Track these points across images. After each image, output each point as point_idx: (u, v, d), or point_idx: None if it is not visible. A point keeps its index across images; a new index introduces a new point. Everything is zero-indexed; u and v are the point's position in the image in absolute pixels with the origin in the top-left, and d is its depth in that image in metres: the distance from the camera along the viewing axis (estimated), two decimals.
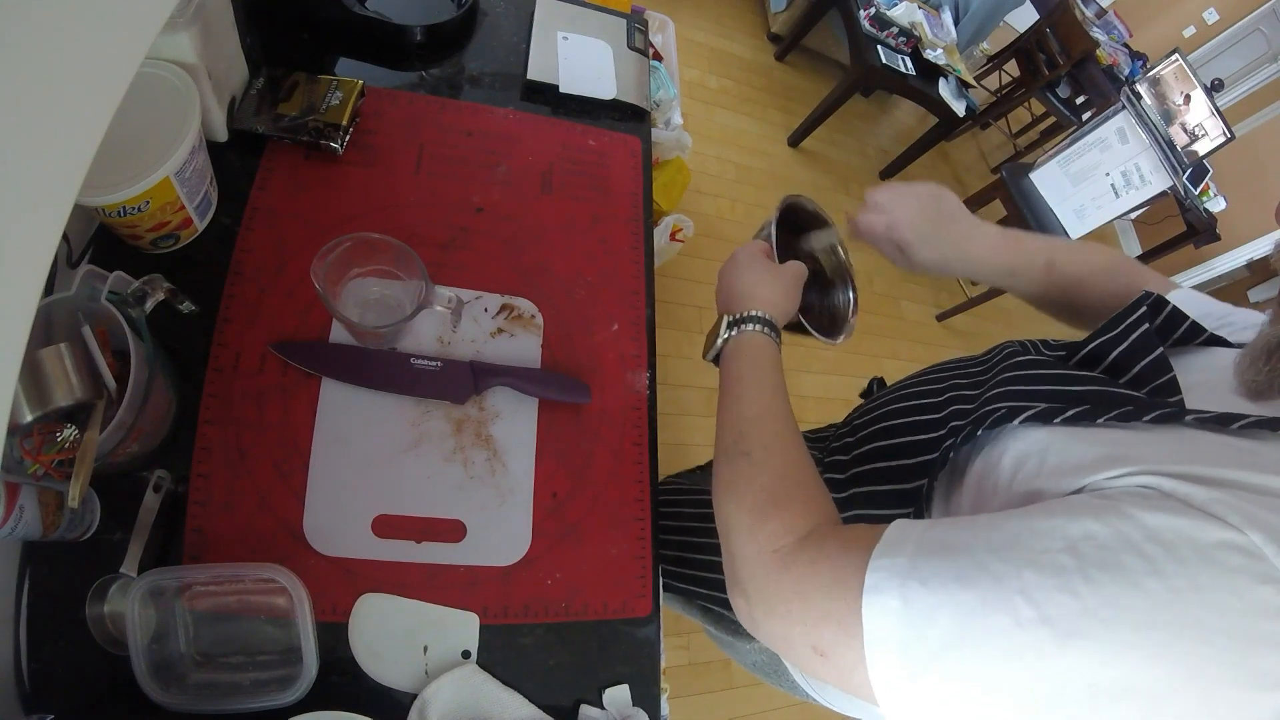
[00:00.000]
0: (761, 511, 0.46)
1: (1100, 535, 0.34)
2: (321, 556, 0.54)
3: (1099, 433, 0.43)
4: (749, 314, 0.57)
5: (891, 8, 2.30)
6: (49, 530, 0.45)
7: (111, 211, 0.51)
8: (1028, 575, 0.34)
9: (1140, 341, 0.49)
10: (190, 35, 0.53)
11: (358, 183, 0.67)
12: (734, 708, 1.60)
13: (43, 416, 0.42)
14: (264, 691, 0.48)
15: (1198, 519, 0.33)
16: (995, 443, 0.46)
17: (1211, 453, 0.39)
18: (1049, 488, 0.41)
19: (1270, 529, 0.32)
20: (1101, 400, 0.44)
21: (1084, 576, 0.33)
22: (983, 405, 0.49)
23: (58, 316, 0.46)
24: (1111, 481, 0.38)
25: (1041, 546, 0.35)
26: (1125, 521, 0.34)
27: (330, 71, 0.71)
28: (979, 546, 0.37)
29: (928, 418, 0.56)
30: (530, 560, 0.59)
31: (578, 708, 0.57)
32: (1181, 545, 0.33)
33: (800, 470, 0.48)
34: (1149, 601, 0.32)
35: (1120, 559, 0.33)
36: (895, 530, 0.40)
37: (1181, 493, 0.35)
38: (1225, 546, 0.32)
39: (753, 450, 0.49)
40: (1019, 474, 0.43)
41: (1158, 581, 0.32)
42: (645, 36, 0.91)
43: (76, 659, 0.48)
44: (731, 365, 0.56)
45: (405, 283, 0.59)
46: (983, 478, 0.46)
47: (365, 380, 0.59)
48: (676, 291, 1.98)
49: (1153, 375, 0.47)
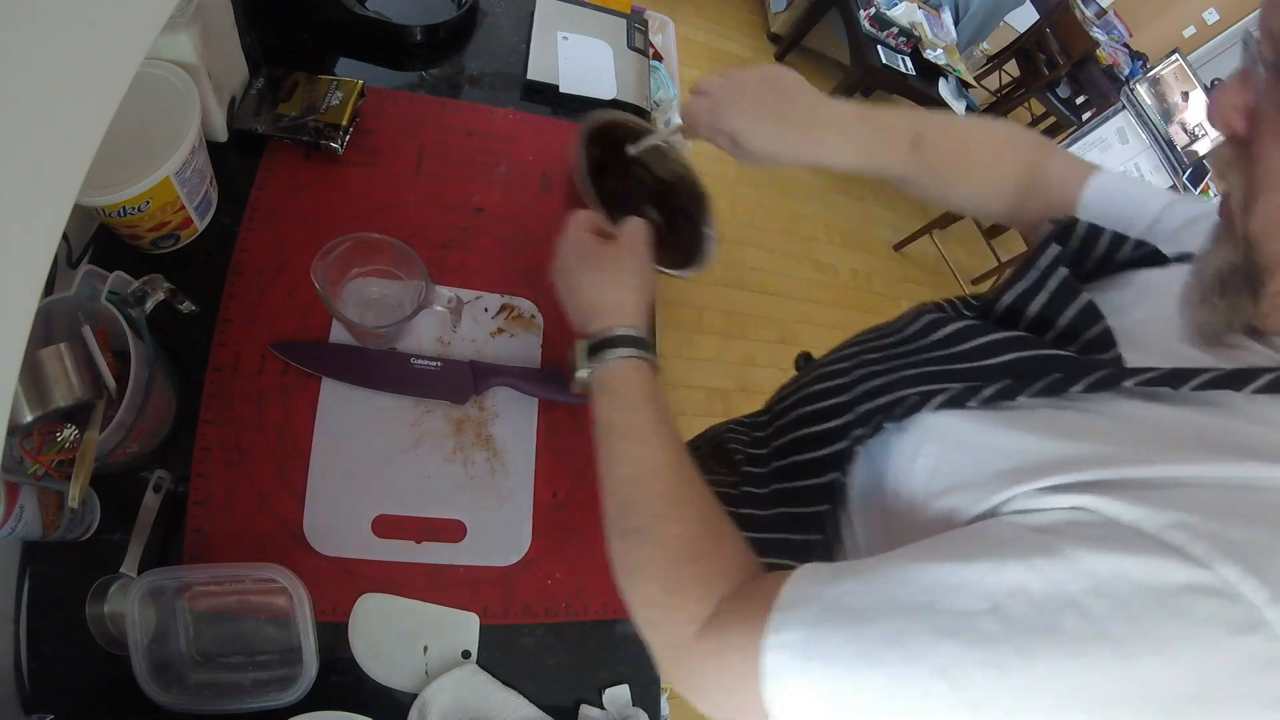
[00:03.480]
0: (663, 604, 0.39)
1: (1031, 589, 0.27)
2: (321, 556, 0.54)
3: (1024, 416, 0.36)
4: (606, 335, 0.48)
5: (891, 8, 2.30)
6: (49, 530, 0.45)
7: (111, 211, 0.51)
8: (946, 648, 0.28)
9: (1061, 289, 0.41)
10: (190, 35, 0.53)
11: (358, 183, 0.67)
12: None
13: (43, 416, 0.42)
14: (264, 691, 0.48)
15: (1152, 556, 0.26)
16: (908, 435, 0.40)
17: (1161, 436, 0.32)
18: (965, 506, 0.34)
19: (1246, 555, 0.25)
20: (1026, 370, 0.38)
21: (1014, 648, 0.27)
22: (894, 387, 0.43)
23: (58, 316, 0.46)
24: (1038, 499, 0.31)
25: (960, 607, 0.28)
26: (1061, 567, 0.27)
27: (330, 71, 0.71)
28: (889, 609, 0.30)
29: (836, 401, 0.48)
30: (530, 560, 0.59)
31: (578, 708, 0.57)
32: (1134, 597, 0.26)
33: (698, 538, 0.41)
34: (1097, 674, 0.25)
35: (1057, 621, 0.26)
36: (793, 589, 0.34)
37: (1128, 518, 0.28)
38: (1190, 591, 0.25)
39: (641, 525, 0.41)
40: (934, 480, 0.37)
41: (1106, 648, 0.25)
42: (645, 36, 0.91)
43: (76, 659, 0.48)
44: (600, 408, 0.46)
45: (405, 283, 0.59)
46: (899, 481, 0.40)
47: (365, 380, 0.59)
48: (676, 291, 1.98)
49: (1083, 326, 0.40)
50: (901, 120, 0.56)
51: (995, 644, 0.27)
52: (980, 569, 0.29)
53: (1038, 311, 0.42)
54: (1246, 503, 0.28)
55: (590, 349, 0.48)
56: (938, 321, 0.46)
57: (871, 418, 0.42)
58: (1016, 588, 0.28)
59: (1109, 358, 0.37)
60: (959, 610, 0.28)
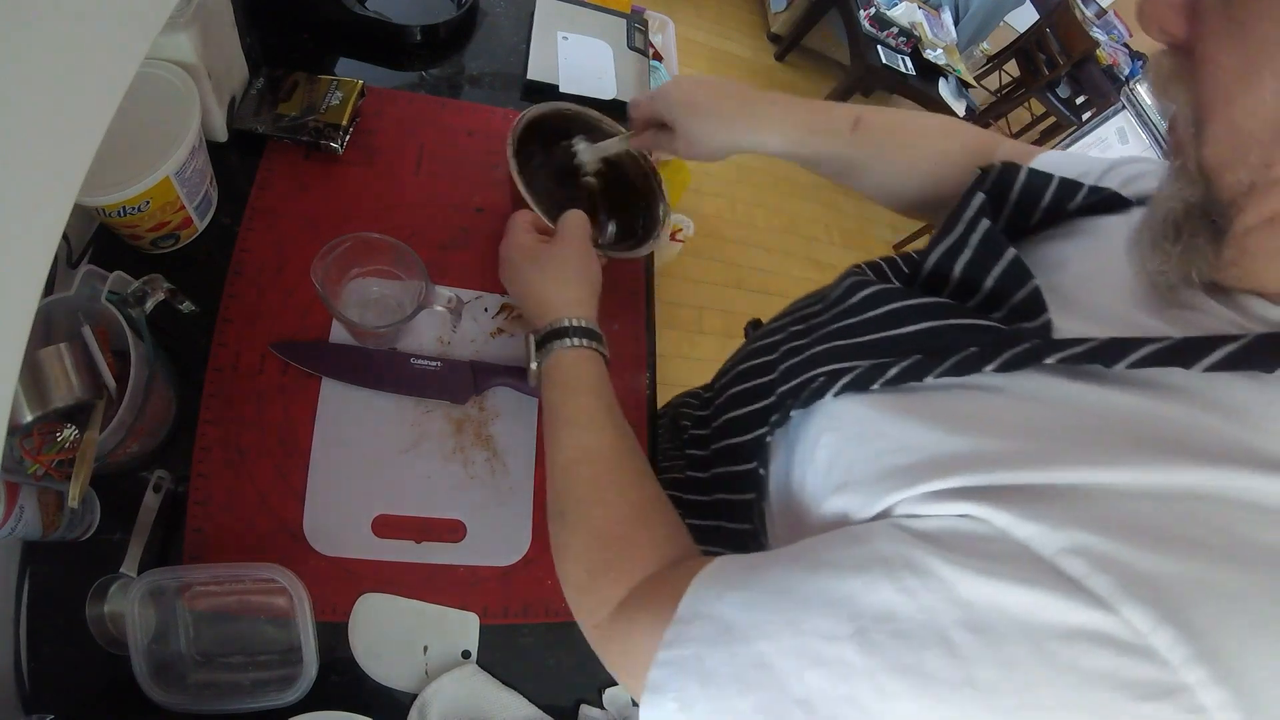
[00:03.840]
0: (582, 584, 0.41)
1: (900, 615, 0.24)
2: (321, 556, 0.54)
3: (927, 402, 0.32)
4: (552, 328, 0.48)
5: (891, 8, 2.30)
6: (49, 530, 0.45)
7: (111, 211, 0.51)
8: (809, 678, 0.26)
9: (985, 245, 0.36)
10: (190, 35, 0.53)
11: (358, 183, 0.67)
12: None
13: (43, 416, 0.42)
14: (264, 691, 0.48)
15: (1040, 587, 0.22)
16: (814, 421, 0.37)
17: (1083, 427, 0.27)
18: (856, 508, 0.31)
19: (1165, 595, 0.20)
20: (938, 343, 0.33)
21: (874, 686, 0.24)
22: (805, 366, 0.40)
23: (58, 316, 0.46)
24: (926, 504, 0.27)
25: (827, 631, 0.26)
26: (933, 593, 0.24)
27: (330, 71, 0.71)
28: (763, 631, 0.28)
29: (762, 381, 0.46)
30: (530, 560, 0.59)
31: (578, 708, 0.57)
32: (1010, 637, 0.22)
33: (620, 522, 0.40)
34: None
35: (921, 659, 0.23)
36: (690, 599, 0.32)
37: (1021, 534, 0.24)
38: (1083, 638, 0.21)
39: (566, 510, 0.42)
40: (830, 475, 0.34)
41: (971, 699, 0.22)
42: (645, 36, 0.91)
43: (76, 659, 0.48)
44: (547, 397, 0.48)
45: (405, 283, 0.59)
46: (804, 473, 0.37)
47: (365, 380, 0.59)
48: (676, 291, 1.98)
49: (1010, 287, 0.34)
50: (842, 105, 0.56)
51: (856, 679, 0.24)
52: (853, 586, 0.26)
53: (962, 272, 0.37)
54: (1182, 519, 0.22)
55: (538, 343, 0.49)
56: (857, 285, 0.42)
57: (784, 402, 0.39)
58: (885, 612, 0.25)
59: (1036, 326, 0.31)
60: (826, 635, 0.26)
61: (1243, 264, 0.28)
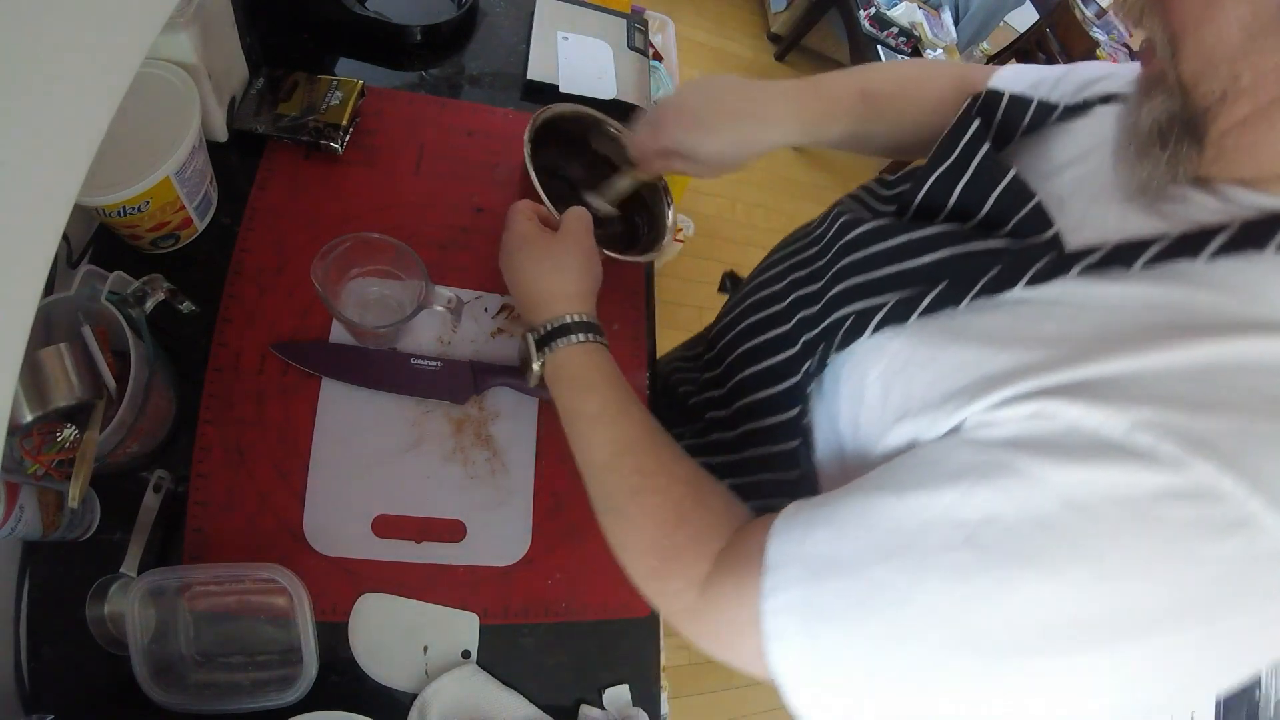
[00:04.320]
0: (659, 573, 0.40)
1: (1003, 513, 0.27)
2: (321, 556, 0.54)
3: (969, 321, 0.34)
4: (556, 324, 0.47)
5: (891, 8, 2.30)
6: (49, 530, 0.45)
7: (111, 211, 0.51)
8: (930, 586, 0.27)
9: (985, 168, 0.38)
10: (190, 35, 0.53)
11: (358, 183, 0.67)
12: (734, 708, 1.60)
13: (43, 416, 0.42)
14: (264, 691, 0.48)
15: (1120, 463, 0.25)
16: (854, 360, 0.38)
17: (1118, 323, 0.30)
18: (923, 431, 0.33)
19: (1221, 449, 0.24)
20: (961, 269, 0.35)
21: (994, 579, 0.26)
22: (827, 309, 0.41)
23: (58, 316, 0.46)
24: (997, 412, 0.30)
25: (937, 542, 0.28)
26: (1028, 486, 0.26)
27: (330, 71, 0.71)
28: (869, 556, 0.30)
29: (778, 332, 0.47)
30: (530, 560, 0.59)
31: (578, 708, 0.57)
32: (1107, 508, 0.25)
33: (680, 502, 0.40)
34: (1081, 595, 0.25)
35: (1033, 545, 0.26)
36: (775, 547, 0.33)
37: (1090, 422, 0.26)
38: (1165, 497, 0.24)
39: (621, 505, 0.42)
40: (888, 408, 0.35)
41: (1085, 568, 0.24)
42: (645, 36, 0.91)
43: (76, 659, 0.48)
44: (562, 397, 0.46)
45: (405, 283, 0.59)
46: (858, 409, 0.38)
47: (365, 380, 0.59)
48: (676, 291, 1.98)
49: (1012, 208, 0.36)
50: (840, 81, 0.55)
51: (975, 577, 0.26)
52: (949, 498, 0.28)
53: (959, 197, 0.40)
54: (1217, 386, 0.26)
55: (540, 340, 0.48)
56: (851, 223, 0.43)
57: (815, 349, 0.41)
58: (988, 514, 0.27)
59: (1047, 239, 0.34)
60: (936, 545, 0.28)
61: (1222, 160, 0.32)
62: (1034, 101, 0.42)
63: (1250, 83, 0.28)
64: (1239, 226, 0.30)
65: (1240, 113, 0.30)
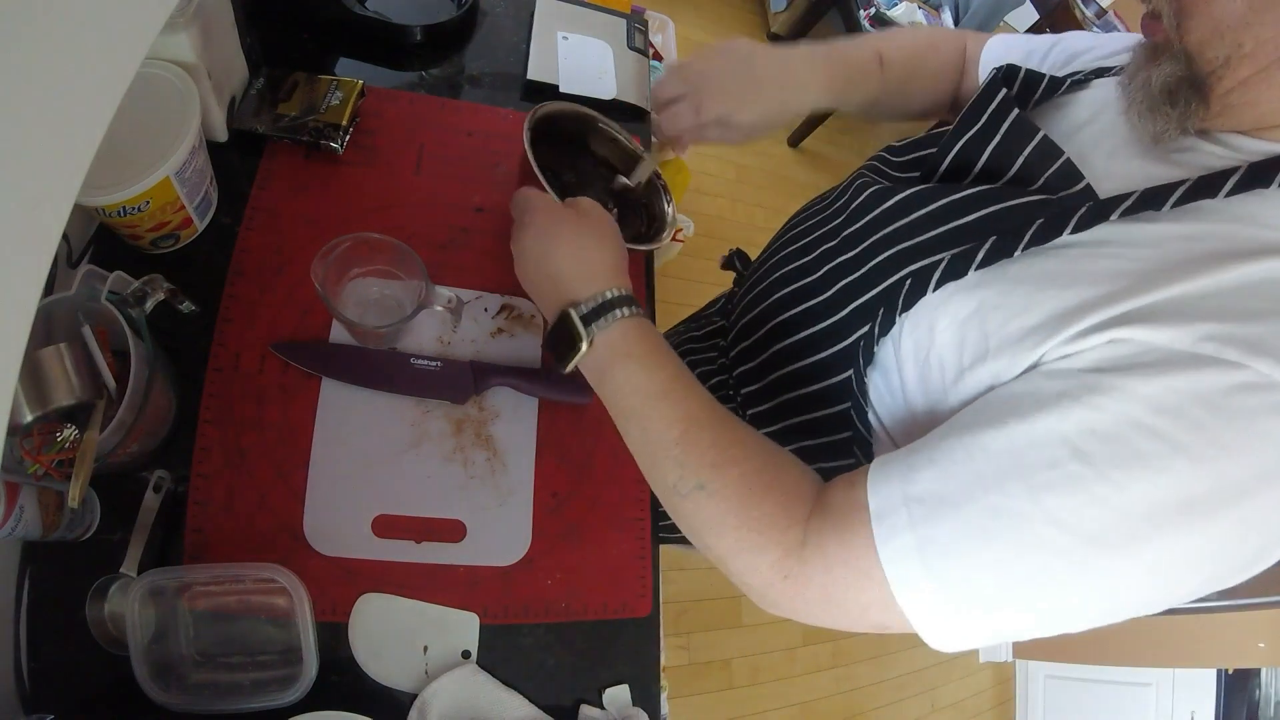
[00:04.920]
0: (752, 545, 0.39)
1: (1101, 425, 0.30)
2: (321, 556, 0.54)
3: (1027, 268, 0.37)
4: (603, 299, 0.44)
5: (891, 8, 2.31)
6: (49, 530, 0.45)
7: (111, 211, 0.51)
8: (1048, 501, 0.30)
9: (1015, 130, 0.42)
10: (190, 35, 0.53)
11: (358, 183, 0.67)
12: (734, 708, 1.60)
13: (43, 416, 0.42)
14: (264, 691, 0.48)
15: (1194, 369, 0.29)
16: (917, 318, 0.41)
17: (1162, 256, 0.34)
18: (1004, 369, 0.36)
19: (1269, 346, 0.29)
20: (1007, 223, 0.39)
21: (1106, 481, 0.29)
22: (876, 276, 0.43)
23: (58, 316, 0.46)
24: (1075, 344, 0.33)
25: (1045, 460, 0.31)
26: (1119, 400, 0.30)
27: (330, 71, 0.71)
28: (978, 488, 0.32)
29: (816, 301, 0.48)
30: (530, 560, 0.59)
31: (578, 708, 0.57)
32: (1191, 407, 0.29)
33: (760, 472, 0.40)
34: (1183, 480, 0.29)
35: (1134, 446, 0.29)
36: (878, 497, 0.35)
37: (1161, 340, 0.31)
38: (1237, 390, 0.29)
39: (705, 480, 0.40)
40: (965, 352, 0.38)
41: (1183, 458, 0.29)
42: (645, 36, 0.91)
43: (76, 659, 0.48)
44: (619, 375, 0.43)
45: (405, 283, 0.59)
46: (925, 362, 0.40)
47: (365, 380, 0.59)
48: (677, 291, 1.98)
49: (1041, 166, 0.40)
50: (859, 47, 0.59)
51: (1088, 483, 0.30)
52: (1047, 422, 0.31)
53: (989, 158, 0.43)
54: (1258, 298, 0.31)
55: (588, 316, 0.44)
56: (884, 191, 0.46)
57: (873, 312, 0.42)
58: (1087, 428, 0.30)
59: (1079, 190, 0.38)
60: (1043, 464, 0.31)
61: (1226, 114, 0.36)
62: (1046, 77, 0.46)
63: (1252, 49, 0.33)
64: (1247, 168, 0.34)
65: (1242, 74, 0.34)
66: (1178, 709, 1.71)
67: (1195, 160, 0.37)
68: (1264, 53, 0.33)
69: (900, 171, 0.51)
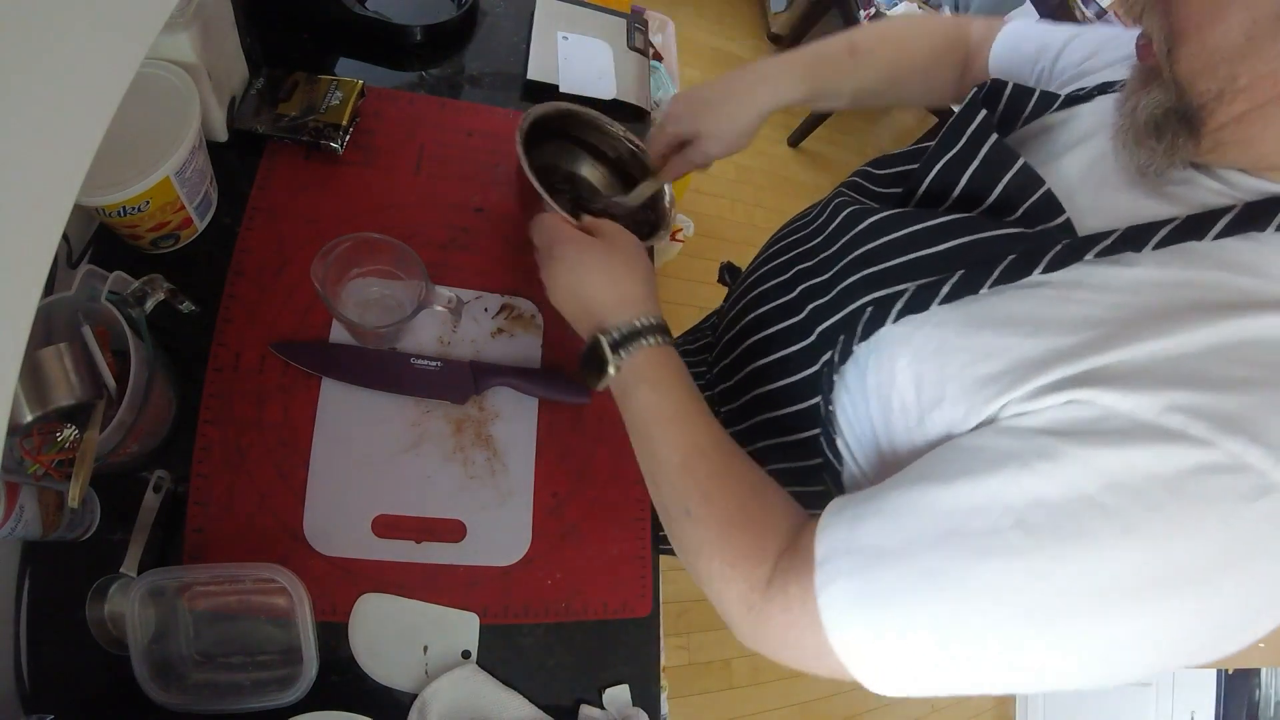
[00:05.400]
0: (723, 576, 0.40)
1: (1049, 496, 0.28)
2: (321, 556, 0.54)
3: (993, 307, 0.35)
4: (632, 326, 0.45)
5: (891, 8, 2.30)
6: (49, 530, 0.45)
7: (111, 211, 0.51)
8: (985, 568, 0.29)
9: (992, 156, 0.39)
10: (190, 35, 0.53)
11: (358, 183, 0.67)
12: (734, 708, 1.60)
13: (43, 416, 0.42)
14: (264, 691, 0.48)
15: (1156, 443, 0.27)
16: (880, 349, 0.39)
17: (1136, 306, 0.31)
18: (959, 419, 0.34)
19: (1245, 424, 0.26)
20: (977, 255, 0.36)
21: (1047, 556, 0.28)
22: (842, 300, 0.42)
23: (58, 316, 0.46)
24: (1034, 401, 0.31)
25: (987, 526, 0.29)
26: (1071, 470, 0.28)
27: (330, 71, 0.71)
28: (918, 546, 0.31)
29: (789, 323, 0.48)
30: (530, 560, 0.59)
31: (578, 708, 0.57)
32: (1148, 487, 0.27)
33: (745, 505, 0.41)
34: (1130, 563, 0.27)
35: (1080, 523, 0.27)
36: (824, 543, 0.34)
37: (1124, 406, 0.28)
38: (1201, 472, 0.26)
39: (693, 507, 0.41)
40: (920, 395, 0.36)
41: (1133, 540, 0.27)
42: (645, 36, 0.91)
43: (76, 659, 0.48)
44: (639, 399, 0.45)
45: (405, 283, 0.59)
46: (888, 400, 0.39)
47: (365, 380, 0.59)
48: (676, 291, 1.98)
49: (1021, 195, 0.37)
50: (832, 40, 0.58)
51: (1028, 555, 0.28)
52: (995, 484, 0.30)
53: (967, 184, 0.40)
54: (1237, 364, 0.28)
55: (617, 342, 0.46)
56: (860, 213, 0.44)
57: (834, 338, 0.41)
58: (1035, 498, 0.29)
59: (1058, 225, 0.36)
60: (984, 530, 0.29)
61: (1218, 150, 0.33)
62: (1036, 92, 0.43)
63: (1248, 84, 0.30)
64: (1243, 208, 0.31)
65: (1236, 110, 0.31)
66: (1178, 709, 1.71)
67: (1190, 195, 0.34)
68: (1261, 89, 0.30)
69: (883, 187, 0.49)
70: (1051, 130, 0.43)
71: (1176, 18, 0.32)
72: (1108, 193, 0.37)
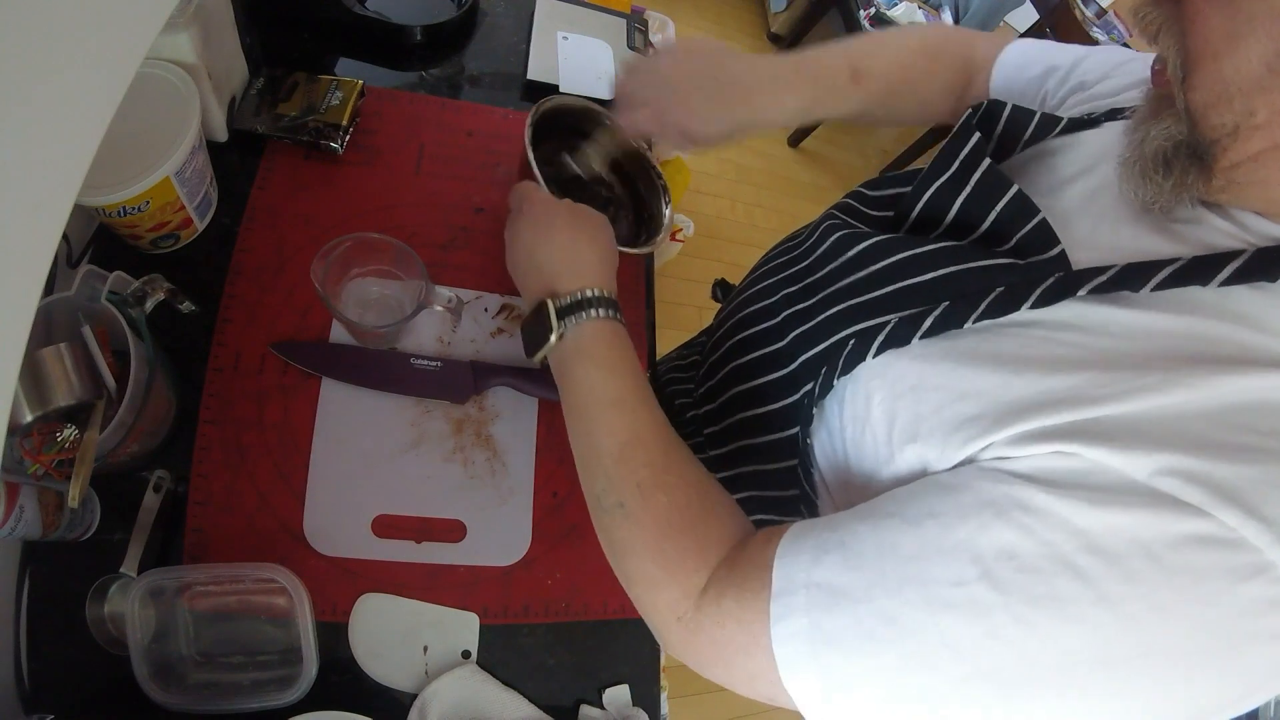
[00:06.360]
0: (653, 579, 0.37)
1: (1021, 552, 0.26)
2: (321, 556, 0.54)
3: (976, 344, 0.33)
4: (579, 295, 0.43)
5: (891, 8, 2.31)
6: (49, 530, 0.45)
7: (111, 211, 0.51)
8: (947, 621, 0.27)
9: (986, 182, 0.37)
10: (190, 35, 0.53)
11: (358, 183, 0.67)
12: (734, 708, 1.60)
13: (43, 416, 0.42)
14: (264, 691, 0.48)
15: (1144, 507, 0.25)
16: (858, 382, 0.37)
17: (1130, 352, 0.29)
18: (934, 459, 0.32)
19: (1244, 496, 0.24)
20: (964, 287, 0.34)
21: (1012, 616, 0.25)
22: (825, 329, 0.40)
23: (58, 316, 0.46)
24: (1014, 448, 0.29)
25: (952, 576, 0.27)
26: (1047, 525, 0.26)
27: (330, 71, 0.71)
28: (879, 589, 0.29)
29: (773, 349, 0.46)
30: (530, 560, 0.59)
31: (578, 708, 0.57)
32: (1128, 553, 0.24)
33: (687, 507, 0.38)
34: (1100, 637, 0.24)
35: (1052, 586, 0.25)
36: (783, 571, 0.32)
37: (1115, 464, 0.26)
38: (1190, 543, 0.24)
39: (626, 501, 0.38)
40: (895, 432, 0.34)
41: (1106, 611, 0.24)
42: (645, 36, 0.91)
43: (76, 659, 0.48)
44: (577, 375, 0.42)
45: (405, 283, 0.59)
46: (859, 433, 0.37)
47: (365, 380, 0.59)
48: (676, 291, 1.98)
49: (1015, 224, 0.35)
50: (833, 58, 0.54)
51: (993, 613, 0.26)
52: (965, 531, 0.28)
53: (959, 211, 0.38)
54: (1238, 428, 0.26)
55: (563, 310, 0.43)
56: (848, 239, 0.42)
57: (816, 370, 0.39)
58: (1005, 550, 0.26)
59: (1052, 257, 0.33)
60: (948, 579, 0.27)
61: (1231, 190, 0.30)
62: (1037, 114, 0.40)
63: (1266, 119, 0.27)
64: (1254, 254, 0.29)
65: (1253, 148, 0.28)
66: None
67: (1197, 235, 0.31)
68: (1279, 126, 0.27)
69: (875, 210, 0.47)
70: (1053, 156, 0.40)
71: (1193, 40, 0.29)
72: (1108, 226, 0.34)
